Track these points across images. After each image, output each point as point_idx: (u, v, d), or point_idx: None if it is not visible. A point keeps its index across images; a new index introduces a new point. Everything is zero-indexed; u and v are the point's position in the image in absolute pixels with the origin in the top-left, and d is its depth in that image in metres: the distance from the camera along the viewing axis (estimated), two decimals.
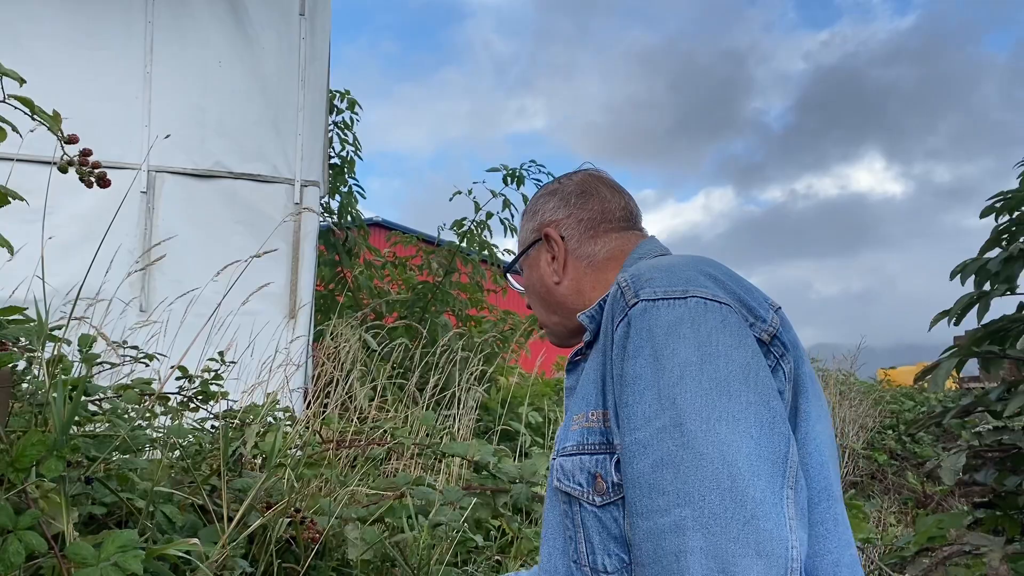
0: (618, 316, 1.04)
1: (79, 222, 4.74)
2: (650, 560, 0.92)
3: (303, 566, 2.09)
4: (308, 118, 5.62)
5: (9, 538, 1.22)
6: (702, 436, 0.91)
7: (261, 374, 3.36)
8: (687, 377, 0.95)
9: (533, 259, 1.39)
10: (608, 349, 1.06)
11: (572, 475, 1.08)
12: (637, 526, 0.95)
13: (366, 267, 7.57)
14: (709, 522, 0.88)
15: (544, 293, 1.37)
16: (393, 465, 3.21)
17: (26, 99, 1.25)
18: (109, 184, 1.40)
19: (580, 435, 1.09)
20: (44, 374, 1.55)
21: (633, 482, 0.96)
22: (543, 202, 1.41)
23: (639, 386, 0.97)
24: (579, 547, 1.07)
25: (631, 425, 0.97)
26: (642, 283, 1.04)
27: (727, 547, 0.87)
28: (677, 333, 0.97)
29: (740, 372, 0.96)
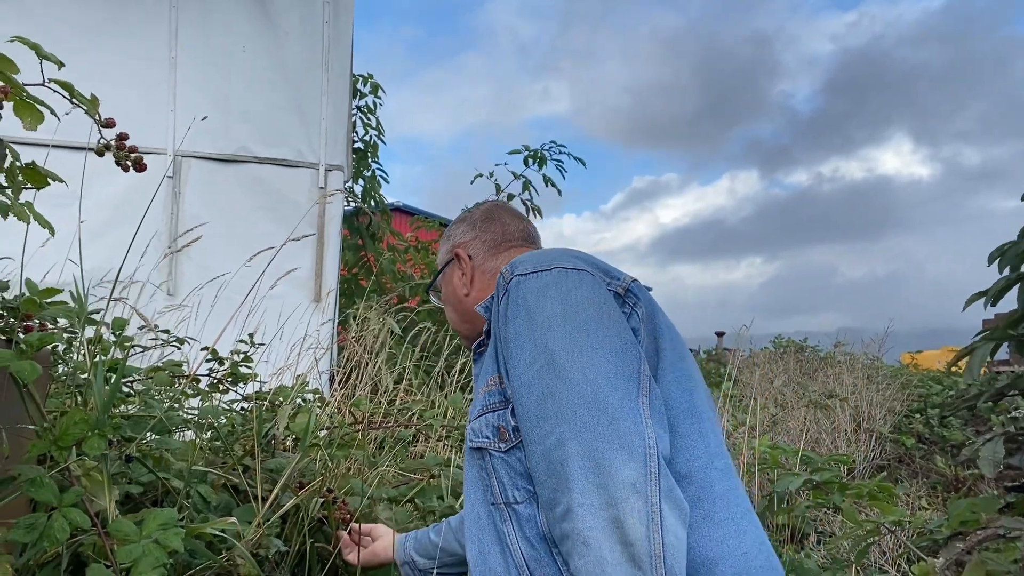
0: (499, 293, 1.26)
1: (106, 207, 4.79)
2: (545, 477, 1.10)
3: (335, 546, 2.11)
4: (332, 102, 5.63)
5: (54, 515, 1.24)
6: (570, 366, 1.11)
7: (290, 357, 3.39)
8: (554, 325, 1.16)
9: (447, 276, 1.63)
10: (496, 324, 1.26)
11: (480, 432, 1.27)
12: (532, 453, 1.14)
13: (389, 251, 7.59)
14: (581, 430, 1.07)
15: (456, 304, 1.60)
16: (421, 447, 3.22)
17: (66, 83, 1.26)
18: (145, 168, 1.41)
19: (485, 399, 1.28)
20: (84, 355, 1.57)
21: (523, 417, 1.16)
22: (454, 228, 1.66)
23: (520, 340, 1.18)
24: (493, 489, 1.24)
25: (516, 372, 1.18)
26: (516, 265, 1.27)
27: (596, 446, 1.05)
28: (544, 295, 1.19)
29: (595, 315, 1.17)
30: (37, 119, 1.29)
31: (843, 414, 6.75)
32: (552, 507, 1.09)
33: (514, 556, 1.18)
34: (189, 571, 1.68)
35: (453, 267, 1.61)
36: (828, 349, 10.17)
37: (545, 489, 1.10)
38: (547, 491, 1.10)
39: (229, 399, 2.68)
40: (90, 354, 1.58)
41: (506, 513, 1.22)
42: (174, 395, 2.32)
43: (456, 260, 1.60)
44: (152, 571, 1.22)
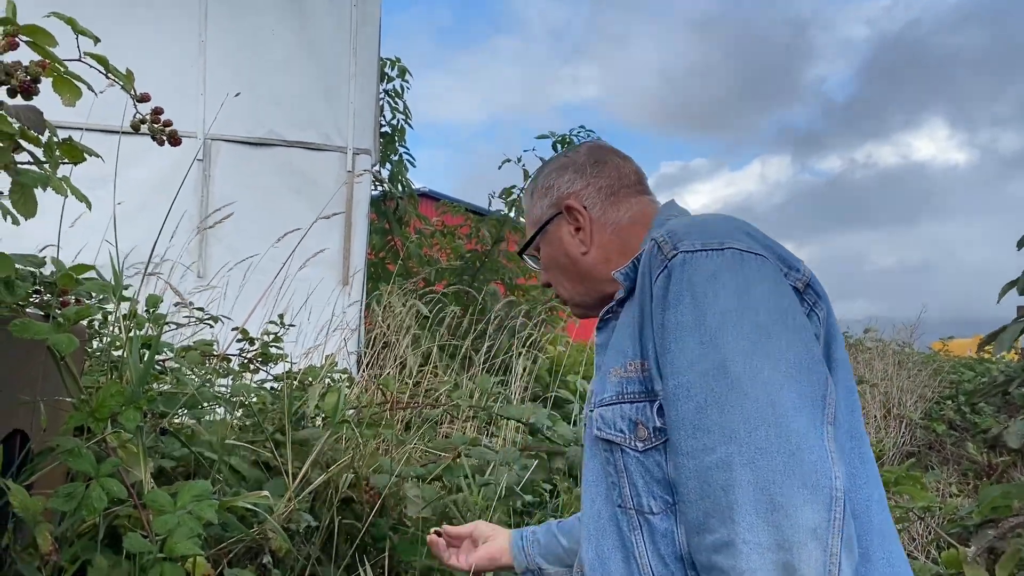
0: (657, 269, 1.07)
1: (137, 191, 4.83)
2: (697, 497, 0.97)
3: (364, 523, 2.13)
4: (359, 86, 5.64)
5: (91, 484, 1.27)
6: (746, 377, 0.96)
7: (318, 338, 3.42)
8: (729, 323, 0.99)
9: (552, 235, 1.40)
10: (646, 302, 1.09)
11: (613, 423, 1.12)
12: (683, 466, 0.99)
13: (416, 235, 7.61)
14: (755, 456, 0.92)
15: (569, 265, 1.38)
16: (447, 428, 3.24)
17: (101, 57, 1.27)
18: (180, 142, 1.43)
19: (619, 385, 1.12)
20: (120, 329, 1.60)
21: (678, 424, 1.00)
22: (555, 177, 1.40)
23: (681, 333, 1.01)
24: (623, 491, 1.10)
25: (674, 370, 1.01)
26: (679, 237, 1.08)
27: (774, 479, 0.91)
28: (717, 282, 1.01)
29: (779, 316, 1.00)
30: (75, 95, 1.31)
31: (873, 400, 6.68)
32: (701, 532, 0.97)
33: (641, 571, 1.07)
34: (221, 544, 1.71)
35: (560, 223, 1.38)
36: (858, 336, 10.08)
37: (694, 510, 0.98)
38: (696, 512, 0.97)
39: (259, 379, 2.71)
40: (125, 329, 1.61)
41: (636, 521, 1.09)
42: (205, 373, 2.35)
43: (565, 213, 1.37)
44: (187, 541, 1.25)
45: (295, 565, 1.91)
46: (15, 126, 1.17)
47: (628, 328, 1.15)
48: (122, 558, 1.49)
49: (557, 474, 2.73)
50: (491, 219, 7.46)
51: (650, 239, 1.14)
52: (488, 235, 7.42)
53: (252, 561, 1.72)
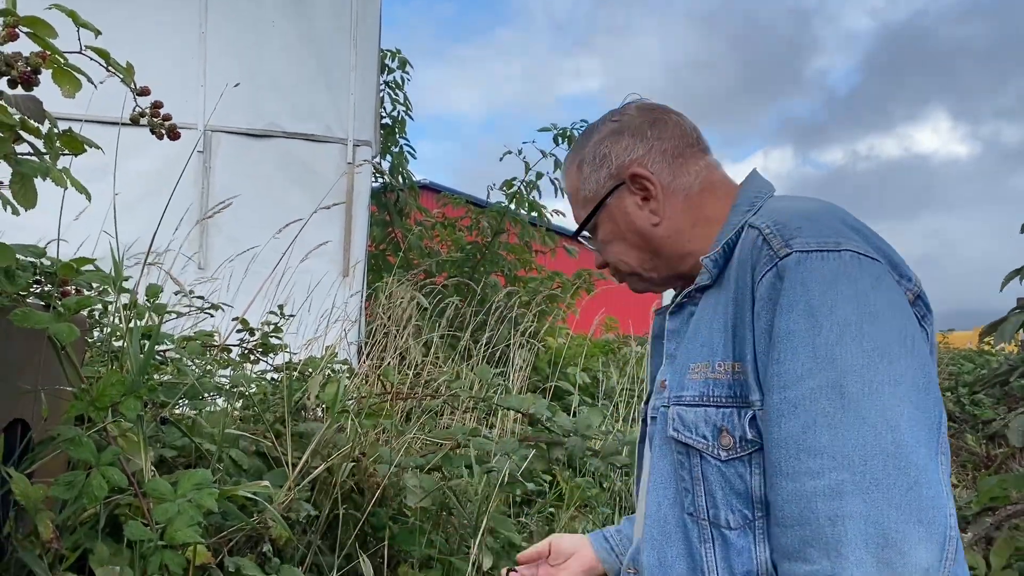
0: (764, 265, 0.98)
1: (138, 182, 4.84)
2: (795, 522, 0.90)
3: (364, 512, 2.15)
4: (360, 77, 5.64)
5: (92, 473, 1.28)
6: (864, 399, 0.88)
7: (318, 329, 3.43)
8: (846, 337, 0.91)
9: (615, 209, 1.23)
10: (745, 300, 1.00)
11: (695, 427, 1.03)
12: (780, 487, 0.92)
13: (417, 227, 7.62)
14: (870, 487, 0.86)
15: (639, 240, 1.22)
16: (447, 419, 3.26)
17: (102, 50, 1.28)
18: (179, 136, 1.43)
19: (704, 386, 1.04)
20: (120, 320, 1.61)
21: (779, 442, 0.93)
22: (609, 145, 1.23)
23: (792, 343, 0.93)
24: (697, 500, 1.03)
25: (781, 383, 0.93)
26: (790, 232, 0.99)
27: (888, 513, 0.85)
28: (834, 289, 0.93)
29: (898, 334, 0.92)
30: (75, 86, 1.31)
31: None
32: (794, 559, 0.91)
33: None
34: (222, 532, 1.72)
35: (623, 194, 1.22)
36: None
37: (790, 536, 0.91)
38: (791, 539, 0.91)
39: (260, 369, 2.72)
40: (125, 319, 1.62)
41: (709, 533, 1.02)
42: (205, 363, 2.36)
43: (630, 183, 1.21)
44: (187, 529, 1.26)
45: (295, 554, 1.92)
46: (15, 117, 1.17)
47: (716, 323, 1.06)
48: (123, 546, 1.50)
49: (556, 464, 2.75)
50: (491, 211, 7.46)
51: (748, 226, 1.05)
52: (488, 227, 7.42)
53: (252, 550, 1.73)
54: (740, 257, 1.04)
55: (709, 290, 1.10)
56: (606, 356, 7.55)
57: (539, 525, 2.73)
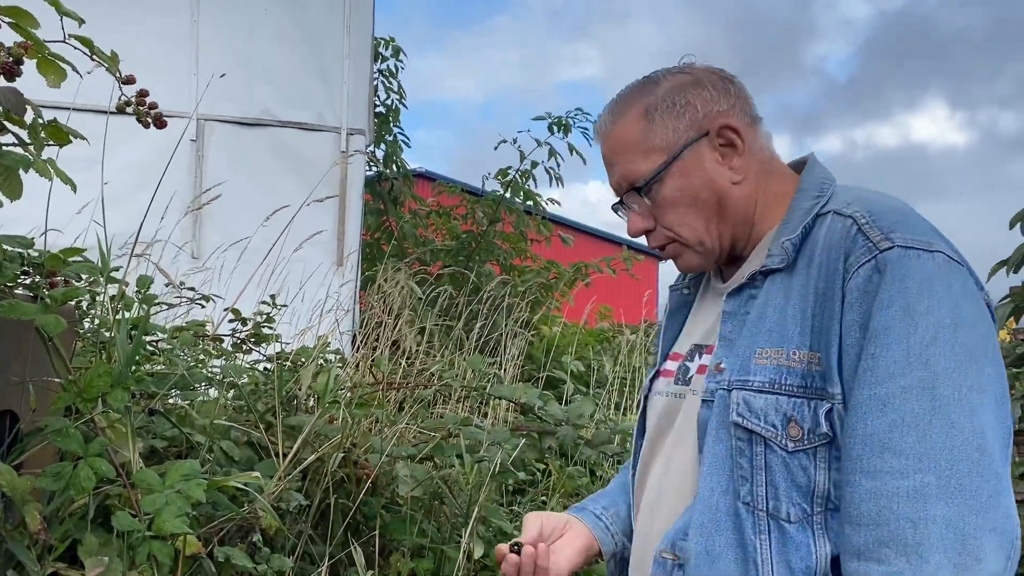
0: (861, 256, 0.96)
1: (131, 171, 4.82)
2: (871, 522, 0.89)
3: (355, 501, 2.15)
4: (353, 65, 5.62)
5: (79, 464, 1.28)
6: (954, 403, 0.88)
7: (311, 318, 3.43)
8: (940, 339, 0.90)
9: (689, 163, 1.12)
10: (834, 289, 0.97)
11: (763, 414, 0.99)
12: (858, 484, 0.91)
13: (411, 216, 7.60)
14: (954, 493, 0.86)
15: (712, 200, 1.12)
16: (440, 409, 3.26)
17: (85, 39, 1.27)
18: (165, 125, 1.43)
19: (776, 373, 1.00)
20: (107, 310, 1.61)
21: (864, 438, 0.91)
22: (690, 93, 1.13)
23: (888, 340, 0.92)
24: (756, 489, 0.99)
25: (872, 378, 0.92)
26: (888, 225, 0.97)
27: (969, 520, 0.85)
28: (930, 290, 0.92)
29: (984, 341, 0.92)
30: (60, 76, 1.31)
31: None
32: (865, 559, 0.90)
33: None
34: (212, 522, 1.73)
35: (703, 147, 1.11)
36: None
37: (863, 535, 0.90)
38: (865, 538, 0.90)
39: (252, 359, 2.72)
40: (113, 310, 1.61)
41: (765, 524, 0.99)
42: (197, 354, 2.36)
43: (715, 135, 1.11)
44: (175, 519, 1.26)
45: (286, 543, 1.93)
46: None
47: (790, 309, 1.02)
48: (113, 537, 1.50)
49: (549, 453, 2.75)
50: (487, 200, 7.45)
51: (835, 213, 1.02)
52: (484, 216, 7.41)
53: (243, 540, 1.74)
54: (824, 244, 1.01)
55: (776, 274, 1.06)
56: (600, 345, 7.57)
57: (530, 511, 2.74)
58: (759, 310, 1.05)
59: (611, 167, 1.17)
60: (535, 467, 2.99)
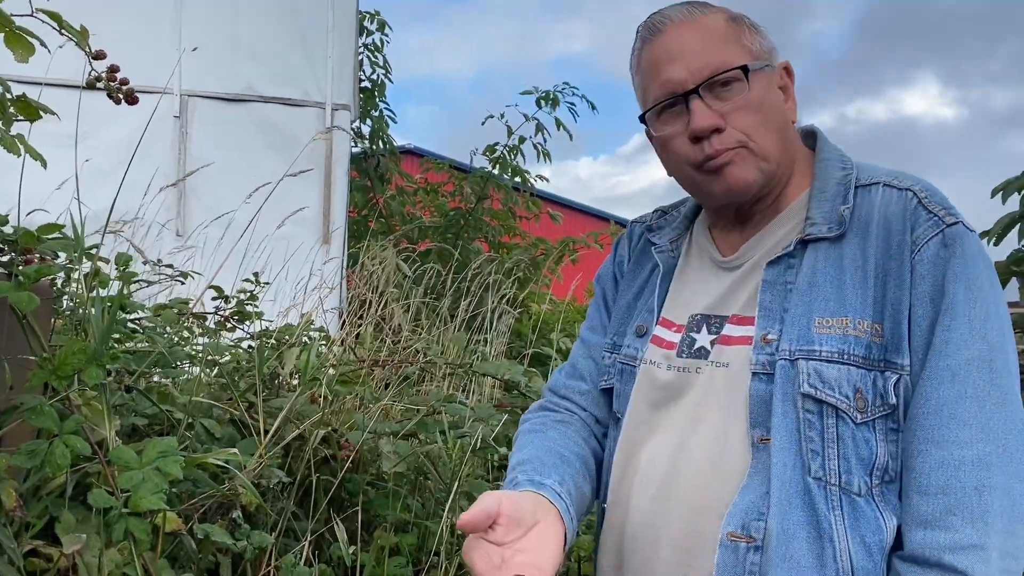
0: (928, 230, 0.98)
1: (114, 148, 4.78)
2: (940, 491, 0.92)
3: (338, 478, 2.16)
4: (338, 40, 5.57)
5: (55, 442, 1.27)
6: (1005, 376, 0.94)
7: (296, 296, 3.42)
8: (992, 315, 0.96)
9: (771, 79, 1.10)
10: (903, 260, 0.98)
11: (837, 385, 0.98)
12: (928, 453, 0.93)
13: (398, 193, 7.57)
14: (1007, 461, 0.91)
15: (782, 125, 1.11)
16: (426, 386, 3.27)
17: (53, 13, 1.25)
18: (137, 101, 1.41)
19: (842, 342, 0.99)
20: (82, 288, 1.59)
21: (935, 408, 0.94)
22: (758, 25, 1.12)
23: (957, 313, 0.95)
24: (828, 463, 0.98)
25: (946, 350, 0.95)
26: (942, 201, 1.01)
27: (1016, 486, 0.91)
28: (977, 267, 0.97)
29: (1008, 315, 0.99)
30: (28, 51, 1.29)
31: None
32: (932, 527, 0.92)
33: (838, 557, 0.95)
34: (193, 499, 1.73)
35: (770, 78, 1.11)
36: None
37: (930, 503, 0.92)
38: (932, 507, 0.92)
39: (236, 337, 2.71)
40: (88, 287, 1.60)
41: (837, 499, 0.97)
42: (179, 331, 2.35)
43: (779, 70, 1.13)
44: (152, 496, 1.26)
45: (268, 520, 1.93)
46: None
47: (848, 278, 1.01)
48: (91, 514, 1.50)
49: None
50: (475, 176, 7.42)
51: (886, 186, 1.04)
52: (472, 193, 7.39)
53: (223, 516, 1.74)
54: (883, 216, 1.02)
55: (820, 243, 1.04)
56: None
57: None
58: (808, 278, 1.03)
59: (688, 55, 1.07)
60: None
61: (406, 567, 2.17)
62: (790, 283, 1.04)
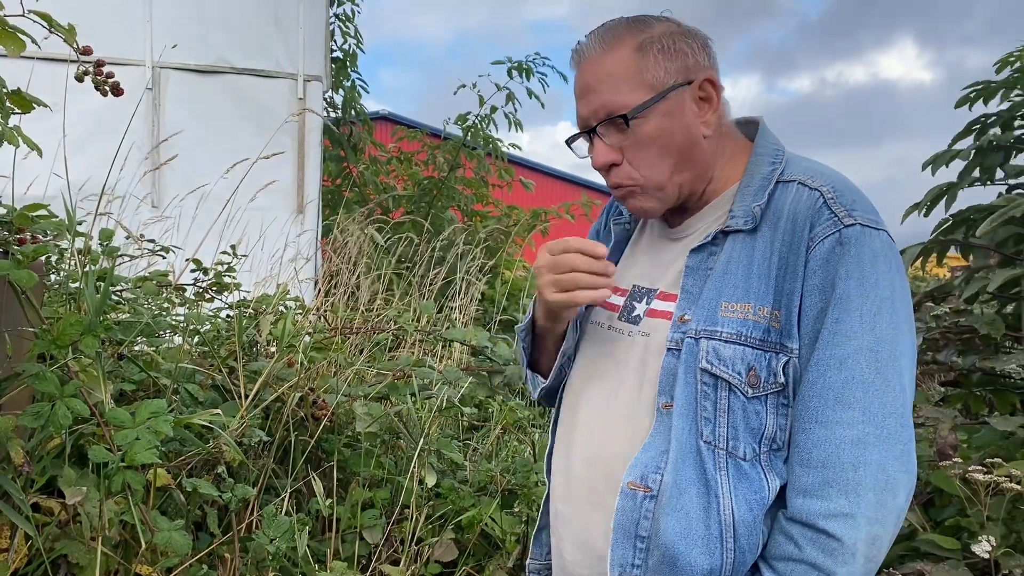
0: (826, 229, 1.08)
1: (87, 119, 4.82)
2: (820, 464, 1.05)
3: (314, 438, 2.32)
4: (308, 10, 5.61)
5: (57, 404, 1.41)
6: (890, 364, 1.04)
7: (272, 267, 3.54)
8: (884, 309, 1.05)
9: (674, 104, 1.16)
10: (799, 255, 1.09)
11: (731, 362, 1.10)
12: (810, 431, 1.06)
13: (371, 163, 7.65)
14: (886, 441, 1.03)
15: (683, 147, 1.17)
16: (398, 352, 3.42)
17: (44, 14, 1.36)
18: (122, 93, 1.53)
19: (742, 325, 1.11)
20: (75, 264, 1.72)
21: (820, 392, 1.06)
22: (684, 42, 1.18)
23: (847, 306, 1.05)
24: (718, 430, 1.10)
25: (834, 340, 1.05)
26: (849, 202, 1.09)
27: (892, 463, 1.03)
28: (877, 265, 1.06)
29: (908, 313, 1.09)
30: (19, 47, 1.40)
31: None
32: (810, 496, 1.05)
33: (722, 511, 1.09)
34: (180, 457, 1.88)
35: (684, 96, 1.17)
36: None
37: (811, 475, 1.05)
38: (812, 478, 1.05)
39: (214, 307, 2.84)
40: (80, 264, 1.73)
41: (724, 460, 1.10)
42: (161, 303, 2.48)
43: (695, 87, 1.18)
44: (146, 451, 1.41)
45: (250, 476, 2.09)
46: None
47: (755, 268, 1.12)
48: (88, 471, 1.65)
49: (499, 390, 2.94)
50: (447, 145, 7.52)
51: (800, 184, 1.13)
52: (444, 162, 7.48)
53: (209, 472, 1.89)
54: (790, 212, 1.12)
55: (739, 234, 1.15)
56: None
57: (484, 447, 2.93)
58: (723, 266, 1.15)
59: (590, 93, 1.18)
60: (491, 404, 3.17)
61: (379, 519, 2.35)
62: (709, 269, 1.16)
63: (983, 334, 2.51)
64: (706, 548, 1.08)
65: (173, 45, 4.60)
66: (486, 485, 2.55)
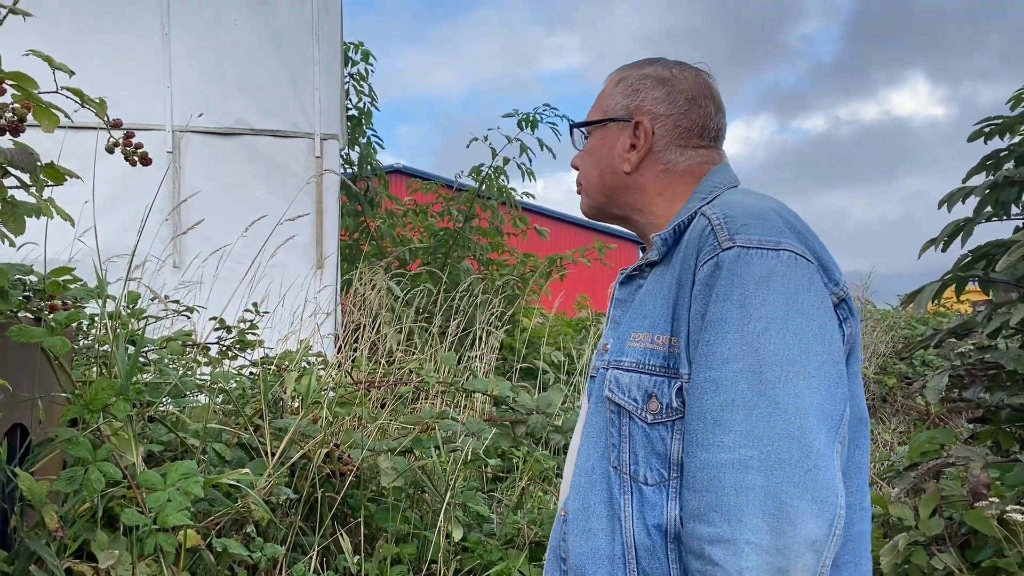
0: (707, 254, 1.07)
1: (109, 184, 4.91)
2: (703, 488, 1.00)
3: (340, 493, 2.32)
4: (324, 71, 5.74)
5: (90, 468, 1.44)
6: (780, 387, 0.99)
7: (293, 323, 3.58)
8: (772, 329, 1.00)
9: (611, 133, 1.31)
10: (686, 282, 1.10)
11: (628, 390, 1.12)
12: (695, 455, 1.02)
13: (388, 216, 7.74)
14: (774, 466, 0.96)
15: (605, 172, 1.31)
16: (421, 404, 3.43)
17: (77, 90, 1.42)
18: (151, 163, 1.58)
19: (642, 354, 1.13)
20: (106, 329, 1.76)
21: (699, 415, 1.02)
22: (650, 85, 1.30)
23: (723, 328, 1.02)
24: (622, 456, 1.12)
25: (708, 363, 1.02)
26: (735, 227, 1.07)
27: (787, 490, 0.96)
28: (767, 285, 1.02)
29: (819, 332, 1.02)
30: (54, 122, 1.46)
31: None
32: (697, 520, 1.01)
33: (624, 533, 1.11)
34: (209, 517, 1.89)
35: (621, 130, 1.30)
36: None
37: (697, 500, 1.02)
38: (698, 503, 1.01)
39: (238, 364, 2.87)
40: (111, 328, 1.77)
41: (628, 485, 1.11)
42: (186, 362, 2.51)
43: (631, 126, 1.29)
44: (177, 513, 1.42)
45: (278, 534, 2.09)
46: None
47: (659, 298, 1.15)
48: (119, 533, 1.66)
49: (523, 440, 2.93)
50: (461, 196, 7.60)
51: (701, 214, 1.13)
52: (459, 213, 7.56)
53: (238, 531, 1.90)
54: (688, 241, 1.13)
55: (657, 266, 1.19)
56: (578, 334, 7.74)
57: (509, 498, 2.92)
58: (642, 298, 1.19)
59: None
60: (514, 454, 3.16)
61: (408, 574, 2.33)
62: (632, 300, 1.22)
63: (1009, 370, 2.49)
64: (610, 569, 1.11)
65: (199, 114, 4.72)
66: (513, 538, 2.53)
